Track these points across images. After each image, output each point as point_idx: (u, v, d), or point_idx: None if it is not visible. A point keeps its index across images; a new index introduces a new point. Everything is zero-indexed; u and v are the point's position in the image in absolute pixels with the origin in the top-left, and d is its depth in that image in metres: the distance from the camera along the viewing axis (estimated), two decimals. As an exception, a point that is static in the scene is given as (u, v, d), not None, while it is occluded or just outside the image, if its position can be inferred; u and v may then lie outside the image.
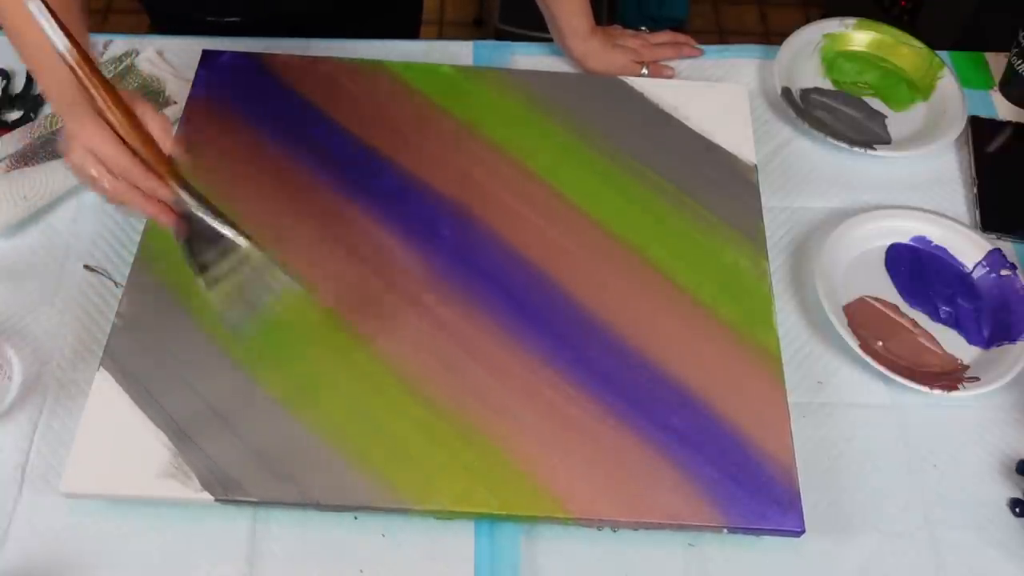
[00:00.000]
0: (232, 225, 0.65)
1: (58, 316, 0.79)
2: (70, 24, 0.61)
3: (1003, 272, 0.85)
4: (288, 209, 0.82)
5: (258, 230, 0.80)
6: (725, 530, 0.69)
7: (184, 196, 0.63)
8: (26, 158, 0.86)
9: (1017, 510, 0.73)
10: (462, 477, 0.69)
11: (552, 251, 0.81)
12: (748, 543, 0.71)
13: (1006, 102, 0.99)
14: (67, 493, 0.68)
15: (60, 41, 0.59)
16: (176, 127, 0.87)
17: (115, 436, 0.70)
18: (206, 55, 0.92)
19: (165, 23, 1.05)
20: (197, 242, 0.65)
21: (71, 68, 0.60)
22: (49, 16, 0.58)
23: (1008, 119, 0.97)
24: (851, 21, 1.03)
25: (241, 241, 0.65)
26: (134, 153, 0.62)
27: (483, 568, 0.69)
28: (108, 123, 0.61)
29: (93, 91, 0.60)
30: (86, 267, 0.82)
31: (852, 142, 0.92)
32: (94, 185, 0.63)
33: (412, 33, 1.19)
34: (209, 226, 0.64)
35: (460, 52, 0.99)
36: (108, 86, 0.61)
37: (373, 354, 0.75)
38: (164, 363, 0.73)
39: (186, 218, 0.64)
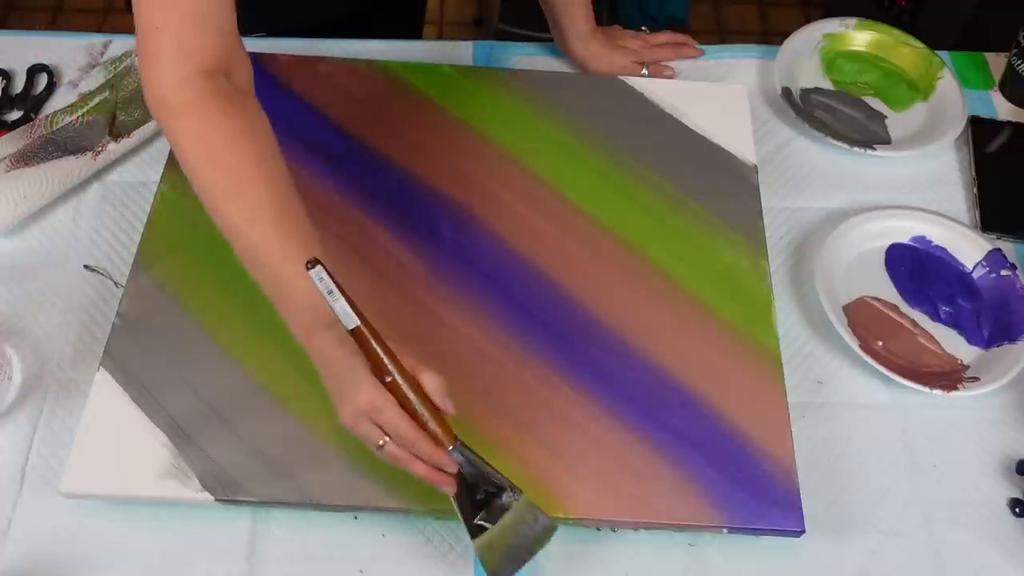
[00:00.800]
0: (505, 479, 0.64)
1: (58, 316, 0.79)
2: (311, 239, 0.62)
3: (1003, 272, 0.85)
4: (288, 209, 0.82)
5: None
6: (725, 530, 0.69)
7: (461, 457, 0.63)
8: (26, 158, 0.86)
9: (1017, 510, 0.73)
10: (462, 477, 0.69)
11: (552, 251, 0.81)
12: (748, 543, 0.71)
13: (1006, 102, 0.99)
14: (67, 493, 0.68)
15: (349, 319, 0.59)
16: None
17: (115, 436, 0.70)
18: (206, 55, 0.92)
19: None
20: (468, 501, 0.63)
21: (358, 341, 0.59)
22: (333, 287, 0.58)
23: (1008, 119, 0.97)
24: (851, 21, 1.03)
25: (514, 496, 0.64)
26: (415, 419, 0.60)
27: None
28: (390, 389, 0.60)
29: (377, 359, 0.59)
30: (86, 267, 0.82)
31: (852, 142, 0.92)
32: (376, 452, 0.61)
33: (415, 33, 1.19)
34: (484, 483, 0.63)
35: (460, 52, 0.99)
36: (389, 351, 0.60)
37: (373, 354, 0.75)
38: (164, 363, 0.73)
39: (463, 478, 0.63)
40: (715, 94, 0.94)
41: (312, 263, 0.58)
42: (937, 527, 0.73)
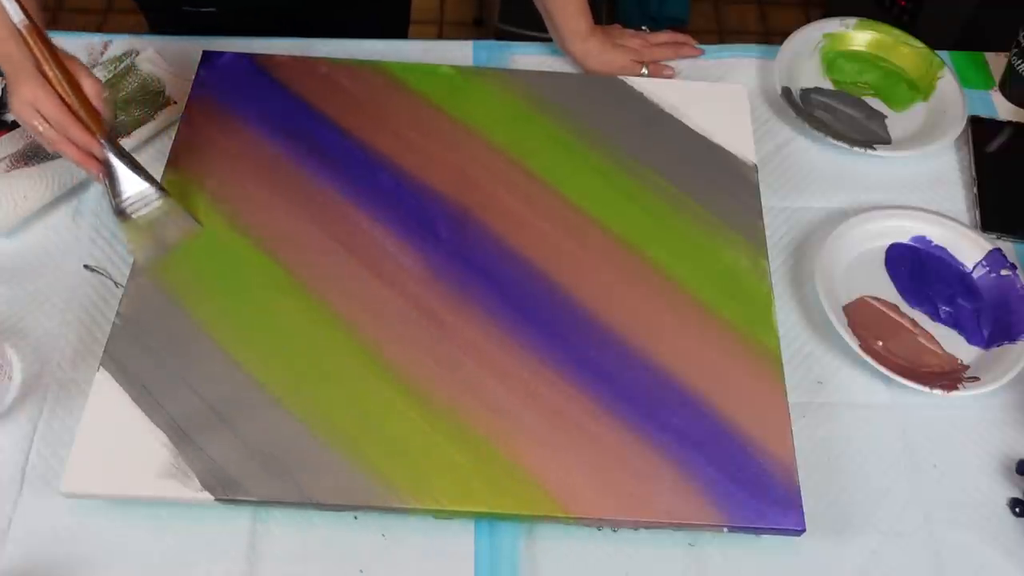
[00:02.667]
0: (150, 178, 0.77)
1: (58, 316, 0.79)
2: None
3: (1003, 272, 0.85)
4: (287, 209, 0.82)
5: (257, 229, 0.81)
6: (725, 529, 0.69)
7: (109, 150, 0.75)
8: (26, 158, 0.86)
9: (1017, 510, 0.73)
10: (462, 477, 0.69)
11: (551, 251, 0.81)
12: (748, 543, 0.71)
13: (1006, 102, 0.99)
14: (67, 493, 0.68)
15: (15, 14, 0.69)
16: (176, 127, 0.87)
17: (115, 436, 0.70)
18: (206, 55, 0.92)
19: (150, 12, 1.06)
20: (119, 190, 0.76)
21: (23, 36, 0.69)
22: None
23: (1008, 119, 0.97)
24: (851, 21, 1.03)
25: (157, 193, 0.77)
26: (70, 110, 0.71)
27: (483, 568, 0.69)
28: (50, 83, 0.70)
29: (39, 55, 0.70)
30: (86, 267, 0.82)
31: (852, 142, 0.92)
32: (36, 135, 0.72)
33: (400, 32, 1.19)
34: (130, 176, 0.76)
35: (460, 52, 0.99)
36: (53, 51, 0.70)
37: (372, 354, 0.75)
38: (164, 363, 0.73)
39: (110, 168, 0.75)
40: (715, 94, 0.94)
41: None
42: (937, 527, 0.73)
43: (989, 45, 1.05)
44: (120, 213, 0.76)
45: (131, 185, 0.76)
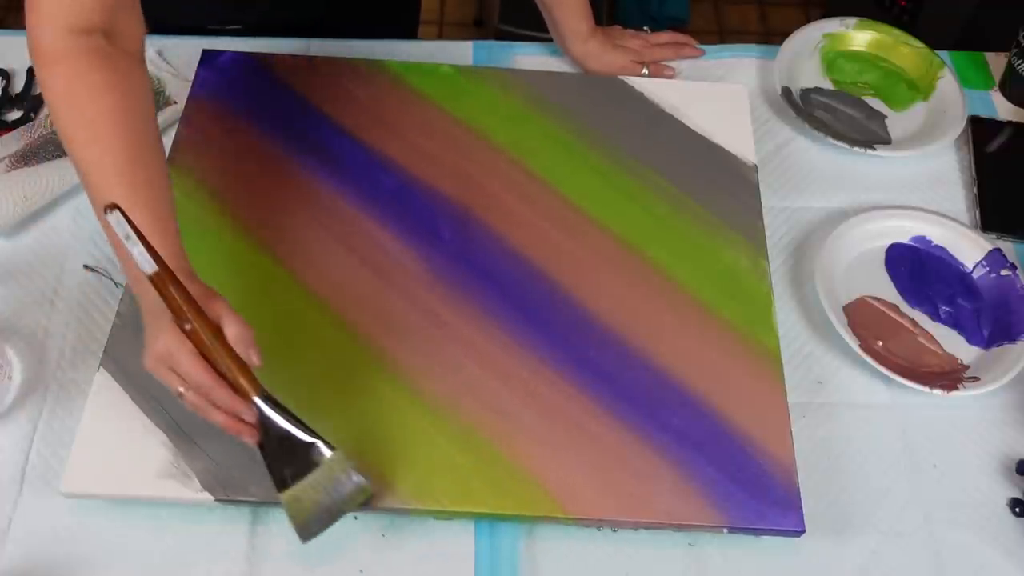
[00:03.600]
0: (316, 434, 0.64)
1: (58, 316, 0.79)
2: (160, 198, 0.64)
3: (1003, 272, 0.85)
4: (288, 209, 0.82)
5: (257, 229, 0.81)
6: (725, 530, 0.69)
7: (266, 409, 0.63)
8: (26, 158, 0.86)
9: (1017, 510, 0.73)
10: (462, 477, 0.69)
11: (552, 251, 0.81)
12: (748, 543, 0.71)
13: (1006, 102, 0.99)
14: (67, 493, 0.68)
15: (148, 264, 0.59)
16: (176, 127, 0.87)
17: (115, 436, 0.70)
18: (206, 55, 0.92)
19: (168, 31, 1.05)
20: (277, 454, 0.63)
21: (156, 287, 0.60)
22: (131, 232, 0.59)
23: (1008, 119, 0.97)
24: (851, 21, 1.03)
25: (326, 451, 0.64)
26: (216, 372, 0.61)
27: (483, 568, 0.69)
28: (189, 336, 0.61)
29: (175, 307, 0.60)
30: (86, 267, 0.82)
31: (852, 142, 0.92)
32: (177, 396, 0.62)
33: (411, 33, 1.19)
34: (292, 437, 0.63)
35: (460, 52, 0.99)
36: (190, 298, 0.61)
37: (374, 354, 0.75)
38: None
39: (266, 429, 0.63)
40: (715, 94, 0.94)
41: (110, 208, 0.59)
42: (937, 527, 0.73)
43: (989, 45, 1.05)
44: (282, 483, 0.63)
45: (290, 446, 0.63)
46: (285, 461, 0.63)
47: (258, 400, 0.62)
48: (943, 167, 0.94)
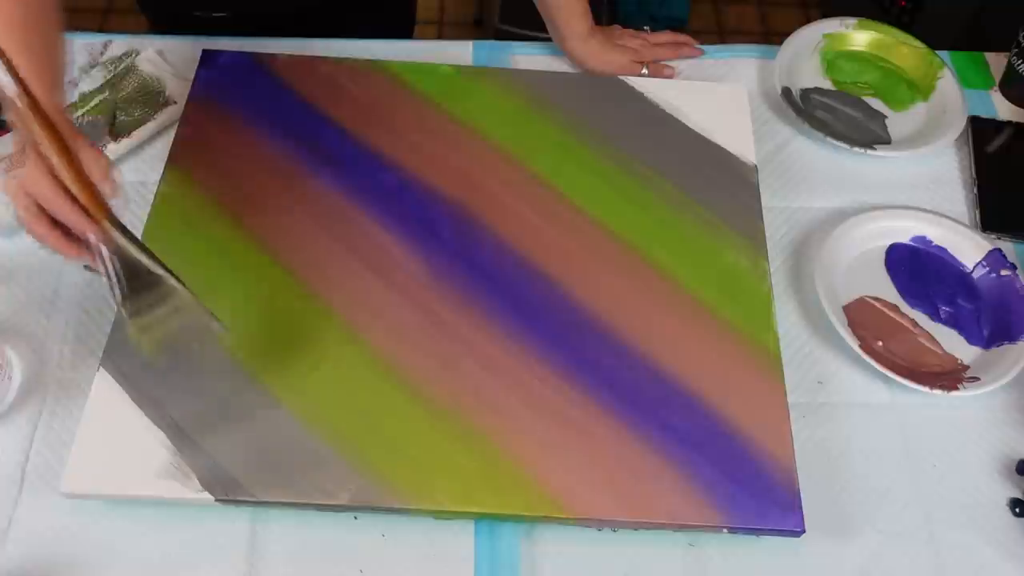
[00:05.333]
0: (167, 269, 0.65)
1: (58, 316, 0.79)
2: (41, 30, 0.66)
3: (1003, 272, 0.85)
4: (287, 209, 0.82)
5: (257, 229, 0.81)
6: (725, 530, 0.69)
7: (115, 234, 0.63)
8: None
9: (1017, 510, 0.73)
10: (462, 477, 0.69)
11: (552, 251, 0.81)
12: (748, 543, 0.71)
13: (1006, 102, 0.99)
14: (67, 493, 0.68)
15: (9, 87, 0.61)
16: (176, 127, 0.87)
17: (115, 436, 0.70)
18: (206, 55, 0.92)
19: (159, 19, 1.06)
20: (130, 286, 0.64)
21: (17, 110, 0.61)
22: (5, 70, 0.60)
23: (1008, 119, 0.97)
24: (851, 21, 1.03)
25: (177, 285, 0.65)
26: (68, 193, 0.62)
27: (483, 568, 0.69)
28: (47, 162, 0.62)
29: (35, 133, 0.62)
30: (86, 267, 0.82)
31: (852, 142, 0.92)
32: (21, 223, 0.64)
33: (406, 32, 1.19)
34: (141, 267, 0.64)
35: (460, 52, 0.99)
36: (51, 127, 0.62)
37: (373, 354, 0.75)
38: (164, 363, 0.73)
39: (120, 261, 0.64)
40: (715, 94, 0.94)
41: None
42: (937, 527, 0.73)
43: (989, 45, 1.05)
44: (127, 309, 0.65)
45: (138, 275, 0.64)
46: (134, 291, 0.64)
47: (110, 227, 0.63)
48: (943, 167, 0.94)
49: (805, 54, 1.01)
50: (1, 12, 0.65)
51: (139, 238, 0.64)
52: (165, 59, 0.95)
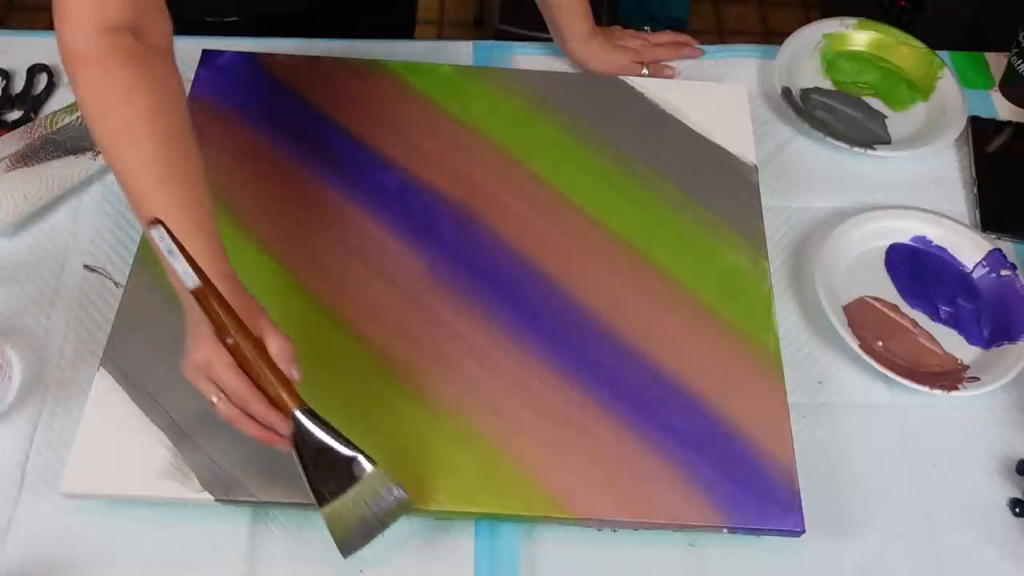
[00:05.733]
0: (356, 448, 0.63)
1: (58, 316, 0.79)
2: (199, 200, 0.64)
3: (1003, 272, 0.85)
4: (288, 209, 0.82)
5: (257, 229, 0.81)
6: (725, 530, 0.69)
7: (306, 423, 0.62)
8: (26, 158, 0.86)
9: (1017, 510, 0.73)
10: (462, 477, 0.69)
11: (552, 251, 0.81)
12: (748, 543, 0.71)
13: (1006, 102, 0.99)
14: (67, 493, 0.68)
15: (187, 276, 0.61)
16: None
17: (115, 436, 0.70)
18: (206, 55, 0.92)
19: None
20: (317, 468, 0.63)
21: (198, 300, 0.61)
22: (174, 247, 0.61)
23: (1008, 119, 0.97)
24: (851, 21, 1.03)
25: (367, 465, 0.63)
26: (254, 385, 0.62)
27: (483, 568, 0.69)
28: (229, 348, 0.61)
29: (216, 320, 0.61)
30: (86, 267, 0.82)
31: (852, 142, 0.92)
32: (211, 408, 0.63)
33: (407, 32, 1.19)
34: (332, 451, 0.63)
35: (460, 52, 0.99)
36: (231, 312, 0.61)
37: (373, 354, 0.75)
38: (164, 363, 0.73)
39: (306, 443, 0.63)
40: (715, 94, 0.94)
41: (153, 222, 0.61)
42: (937, 527, 0.73)
43: (989, 45, 1.05)
44: (322, 497, 0.63)
45: (330, 460, 0.63)
46: (325, 476, 0.63)
47: (298, 413, 0.62)
48: (943, 167, 0.94)
49: (805, 54, 1.01)
50: (149, 153, 0.63)
51: (325, 419, 0.63)
52: (165, 59, 0.95)
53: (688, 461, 0.71)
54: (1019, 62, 0.97)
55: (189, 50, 0.94)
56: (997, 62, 1.02)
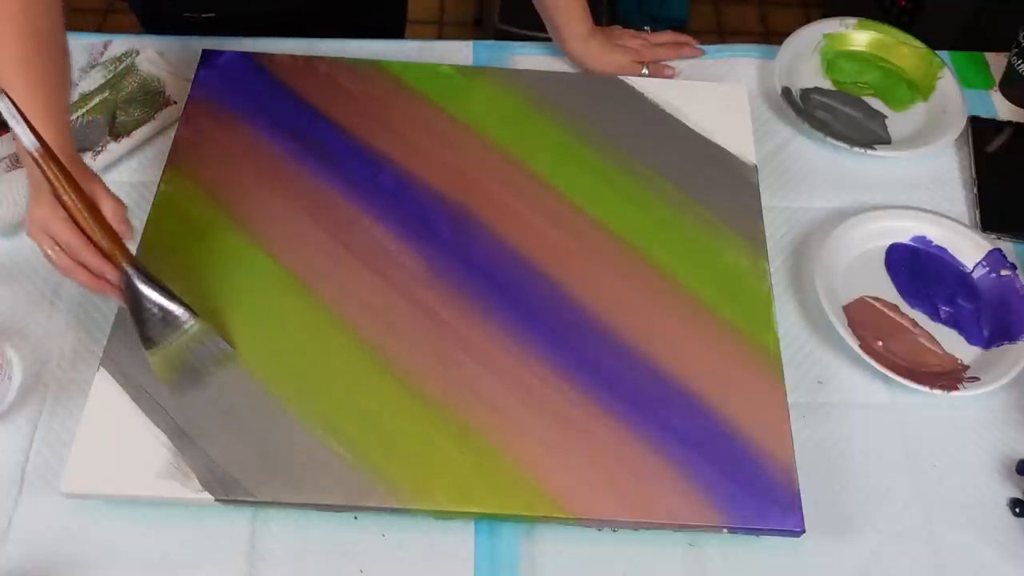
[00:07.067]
0: (181, 302, 0.70)
1: (58, 316, 0.79)
2: (52, 63, 0.69)
3: (1003, 272, 0.85)
4: (287, 209, 0.82)
5: (257, 228, 0.81)
6: (725, 530, 0.69)
7: (135, 276, 0.69)
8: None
9: (1017, 510, 0.73)
10: (462, 477, 0.69)
11: (551, 251, 0.81)
12: (748, 543, 0.71)
13: (1006, 102, 0.99)
14: (67, 493, 0.68)
15: (27, 139, 0.65)
16: (176, 127, 0.87)
17: (115, 436, 0.70)
18: (206, 55, 0.92)
19: (147, 19, 1.06)
20: (145, 317, 0.70)
21: (35, 161, 0.65)
22: (16, 115, 0.64)
23: (1008, 119, 0.97)
24: (851, 21, 1.03)
25: (187, 317, 0.71)
26: (87, 235, 0.67)
27: (483, 568, 0.69)
28: (65, 206, 0.66)
29: (53, 180, 0.66)
30: (86, 267, 0.82)
31: (852, 142, 0.92)
32: (48, 260, 0.69)
33: (398, 31, 1.19)
34: (158, 303, 0.70)
35: (460, 52, 0.99)
36: (68, 175, 0.66)
37: (373, 354, 0.75)
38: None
39: (134, 294, 0.69)
40: (715, 94, 0.94)
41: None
42: (937, 527, 0.73)
43: (989, 45, 1.05)
44: (146, 340, 0.71)
45: (158, 311, 0.70)
46: (154, 325, 0.70)
47: (127, 267, 0.68)
48: (943, 167, 0.94)
49: (805, 54, 1.01)
50: (12, 47, 0.67)
51: (154, 276, 0.70)
52: (165, 59, 0.95)
53: (688, 461, 0.71)
54: (1019, 62, 0.97)
55: (189, 50, 0.94)
56: (997, 62, 1.02)
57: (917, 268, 0.86)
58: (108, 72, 0.94)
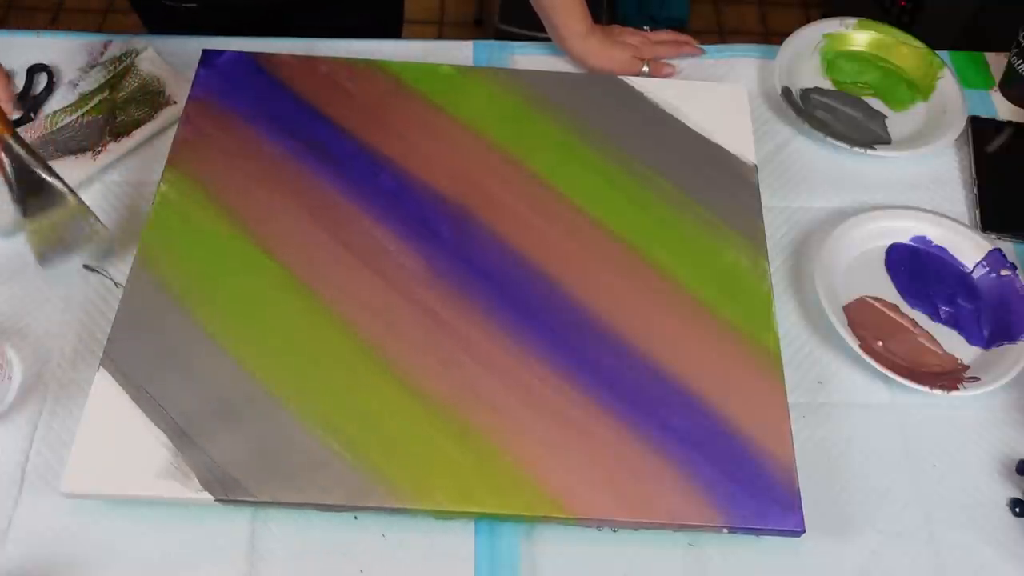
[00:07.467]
0: (58, 178, 0.74)
1: (58, 316, 0.79)
2: None
3: (1003, 272, 0.85)
4: (286, 208, 0.82)
5: (257, 229, 0.81)
6: (725, 530, 0.69)
7: (15, 146, 0.71)
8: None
9: (1017, 510, 0.73)
10: (462, 477, 0.69)
11: (551, 251, 0.81)
12: (748, 543, 0.71)
13: (1006, 102, 0.99)
14: (67, 493, 0.68)
15: None
16: (176, 127, 0.87)
17: (115, 436, 0.70)
18: (206, 55, 0.92)
19: (141, 12, 1.06)
20: (25, 188, 0.73)
21: None
22: None
23: (1008, 119, 0.97)
24: (851, 21, 1.03)
25: (70, 197, 0.75)
26: None
27: (483, 568, 0.69)
28: None
29: None
30: (86, 267, 0.82)
31: (852, 142, 0.92)
32: None
33: (395, 31, 1.18)
34: (37, 176, 0.73)
35: (460, 52, 0.99)
36: None
37: (374, 354, 0.75)
38: (164, 363, 0.73)
39: (17, 166, 0.72)
40: (715, 94, 0.94)
41: None
42: (937, 527, 0.73)
43: (989, 45, 1.05)
44: (24, 212, 0.75)
45: (34, 183, 0.73)
46: (32, 196, 0.74)
47: (7, 137, 0.70)
48: (943, 167, 0.94)
49: (805, 54, 1.01)
50: None
51: (35, 148, 0.73)
52: (165, 59, 0.95)
53: (688, 461, 0.71)
54: (1019, 62, 0.97)
55: (189, 50, 0.94)
56: (997, 62, 1.02)
57: (917, 268, 0.86)
58: (108, 72, 0.94)
